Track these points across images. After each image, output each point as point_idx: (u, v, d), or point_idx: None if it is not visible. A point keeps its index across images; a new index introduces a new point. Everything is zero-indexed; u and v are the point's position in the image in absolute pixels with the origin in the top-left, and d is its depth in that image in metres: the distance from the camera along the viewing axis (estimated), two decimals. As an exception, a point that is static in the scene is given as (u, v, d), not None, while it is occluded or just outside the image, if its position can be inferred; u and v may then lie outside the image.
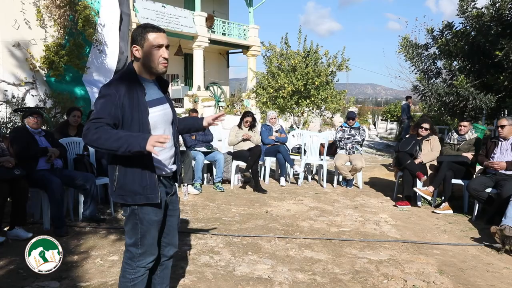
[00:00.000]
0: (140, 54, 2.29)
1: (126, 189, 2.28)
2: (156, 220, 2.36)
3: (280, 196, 6.84)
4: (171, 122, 2.47)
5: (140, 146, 2.05)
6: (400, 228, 5.26)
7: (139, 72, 2.33)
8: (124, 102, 2.19)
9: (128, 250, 2.38)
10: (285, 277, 3.51)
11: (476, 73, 9.93)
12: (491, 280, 3.67)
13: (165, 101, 2.42)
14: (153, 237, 2.38)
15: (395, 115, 24.44)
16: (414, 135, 6.96)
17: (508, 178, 5.42)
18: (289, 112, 14.40)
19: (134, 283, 2.36)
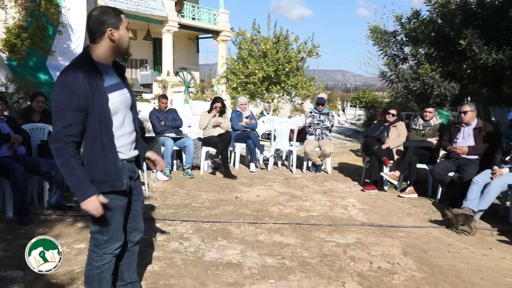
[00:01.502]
0: (116, 37, 2.24)
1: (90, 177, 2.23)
2: (120, 206, 2.34)
3: (250, 182, 6.87)
4: (130, 107, 2.43)
5: (80, 199, 2.15)
6: (367, 212, 5.38)
7: (98, 56, 2.26)
8: (85, 90, 2.13)
9: (94, 237, 2.34)
10: (254, 262, 3.55)
11: (441, 61, 10.16)
12: (451, 260, 3.82)
13: (123, 86, 2.37)
14: (118, 223, 2.36)
15: (363, 101, 24.79)
16: (382, 121, 7.09)
17: (470, 162, 5.61)
18: (259, 98, 14.41)
19: (101, 270, 2.34)
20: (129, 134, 2.39)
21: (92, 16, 2.23)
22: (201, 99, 18.34)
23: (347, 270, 3.48)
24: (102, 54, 2.26)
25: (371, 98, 25.17)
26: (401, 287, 3.21)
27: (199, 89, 20.66)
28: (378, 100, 24.54)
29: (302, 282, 3.18)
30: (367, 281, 3.28)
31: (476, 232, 4.66)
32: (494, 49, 8.30)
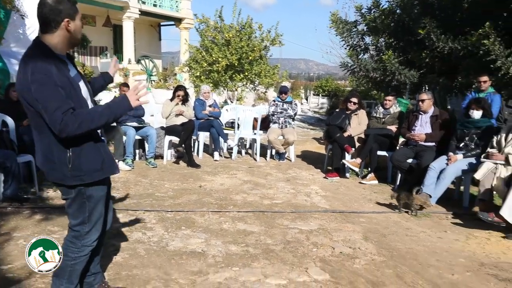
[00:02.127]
0: (72, 27, 2.16)
1: (83, 169, 2.19)
2: (103, 195, 2.34)
3: (214, 171, 6.86)
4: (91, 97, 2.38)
5: (126, 108, 2.22)
6: (329, 198, 5.48)
7: (54, 47, 2.16)
8: (63, 81, 2.07)
9: (75, 230, 2.31)
10: (218, 250, 3.56)
11: (401, 50, 10.41)
12: (409, 244, 3.96)
13: (81, 76, 2.32)
14: (100, 213, 2.35)
15: (326, 90, 25.11)
16: (343, 109, 7.20)
17: (427, 149, 5.81)
18: (223, 87, 14.32)
19: (75, 262, 2.31)
20: None
21: (47, 5, 2.11)
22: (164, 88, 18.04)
23: (310, 256, 3.54)
24: (58, 44, 2.17)
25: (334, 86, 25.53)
26: (361, 270, 3.30)
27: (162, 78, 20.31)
28: (340, 89, 24.93)
29: (265, 269, 3.21)
30: (329, 266, 3.35)
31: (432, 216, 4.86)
32: (450, 38, 8.56)
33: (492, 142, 5.03)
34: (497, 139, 4.98)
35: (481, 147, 5.22)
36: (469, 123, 5.43)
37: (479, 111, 5.35)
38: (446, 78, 9.58)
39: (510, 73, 7.40)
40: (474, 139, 5.33)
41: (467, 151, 5.30)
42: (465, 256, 3.71)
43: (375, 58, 11.11)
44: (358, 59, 10.93)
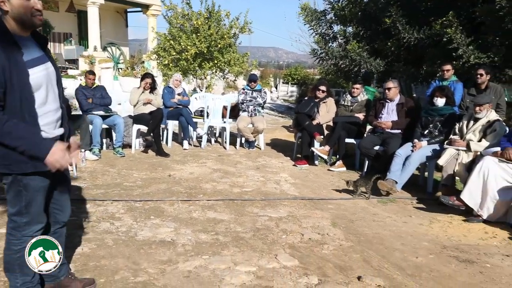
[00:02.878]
0: (8, 7, 2.06)
1: (10, 158, 2.09)
2: (43, 186, 2.22)
3: (183, 160, 6.81)
4: (56, 82, 2.29)
5: (40, 154, 2.04)
6: (298, 186, 5.54)
7: (11, 28, 2.09)
8: (2, 64, 1.97)
9: (12, 219, 2.22)
10: (188, 239, 3.55)
11: (368, 39, 10.55)
12: (376, 229, 4.06)
13: (46, 60, 2.22)
14: (40, 205, 2.25)
15: (295, 78, 25.22)
16: (312, 97, 7.26)
17: (393, 136, 5.93)
18: (192, 75, 14.19)
19: (21, 254, 2.23)
20: (54, 112, 2.26)
21: None
22: (131, 76, 17.70)
23: (279, 242, 3.58)
24: (12, 25, 2.09)
25: (303, 75, 25.68)
26: (330, 256, 3.36)
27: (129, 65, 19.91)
28: (309, 77, 25.10)
29: (235, 257, 3.23)
30: (299, 252, 3.40)
31: (398, 201, 4.99)
32: (416, 28, 8.73)
33: (454, 129, 5.20)
34: (459, 126, 5.14)
35: (444, 134, 5.38)
36: (433, 111, 5.57)
37: (442, 99, 5.50)
38: (411, 66, 9.78)
39: (471, 61, 7.61)
40: (438, 126, 5.48)
41: (431, 138, 5.45)
42: (429, 240, 3.83)
43: (343, 47, 11.22)
44: (326, 47, 11.02)
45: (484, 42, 7.81)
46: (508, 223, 4.23)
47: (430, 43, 8.55)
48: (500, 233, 4.04)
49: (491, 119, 4.90)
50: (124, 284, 2.72)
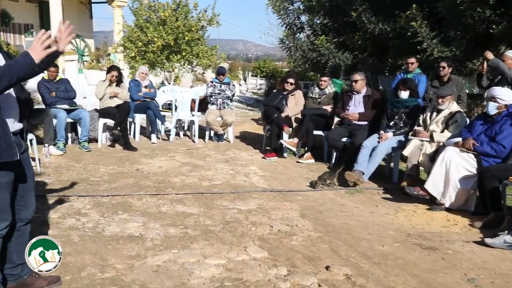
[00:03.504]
0: None
1: None
2: (6, 182, 2.16)
3: (152, 153, 6.73)
4: None
5: (30, 65, 2.02)
6: (268, 178, 5.57)
7: None
8: None
9: None
10: (156, 233, 3.52)
11: (335, 31, 10.65)
12: (343, 219, 4.13)
13: None
14: (4, 201, 2.18)
15: (264, 71, 25.22)
16: (281, 90, 7.29)
17: (360, 128, 6.04)
18: (159, 68, 13.98)
19: None
20: (12, 106, 2.19)
21: None
22: (97, 69, 17.29)
23: (249, 235, 3.60)
24: None
25: (272, 67, 25.68)
26: (299, 247, 3.40)
27: (94, 58, 19.42)
28: (278, 70, 25.13)
29: (205, 250, 3.23)
30: (268, 244, 3.43)
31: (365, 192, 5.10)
32: (380, 20, 8.88)
33: (418, 121, 5.34)
34: (423, 118, 5.28)
35: (409, 125, 5.51)
36: (398, 103, 5.70)
37: (406, 91, 5.63)
38: (377, 59, 9.95)
39: (434, 54, 7.81)
40: (403, 118, 5.60)
41: (396, 130, 5.57)
42: (394, 228, 3.93)
43: (311, 39, 11.30)
44: (294, 38, 11.07)
45: (446, 36, 8.03)
46: (468, 210, 4.39)
47: (395, 36, 8.72)
48: (461, 220, 4.19)
49: (452, 110, 5.05)
50: (91, 281, 2.67)
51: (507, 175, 4.10)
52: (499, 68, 5.40)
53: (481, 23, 7.56)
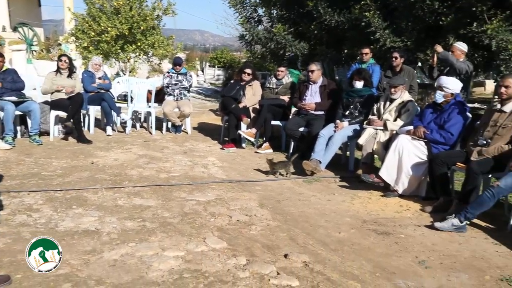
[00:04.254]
0: None
1: None
2: None
3: (107, 146, 6.57)
4: None
5: None
6: (226, 169, 5.57)
7: None
8: None
9: None
10: (113, 227, 3.45)
11: (292, 22, 10.71)
12: (301, 207, 4.20)
13: None
14: None
15: (222, 61, 25.09)
16: (238, 80, 7.28)
17: (317, 117, 6.13)
18: (114, 58, 13.61)
19: None
20: None
21: None
22: (47, 59, 16.62)
23: (208, 226, 3.59)
24: None
25: (229, 58, 25.58)
26: (258, 236, 3.43)
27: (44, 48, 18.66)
28: (236, 60, 25.05)
29: (163, 242, 3.19)
30: (227, 234, 3.43)
31: (322, 180, 5.19)
32: (336, 11, 9.00)
33: (372, 110, 5.47)
34: (377, 107, 5.42)
35: (363, 114, 5.64)
36: (353, 92, 5.82)
37: (360, 81, 5.76)
38: (333, 49, 10.09)
39: (386, 45, 8.02)
40: (358, 107, 5.73)
41: (351, 119, 5.69)
42: (350, 215, 4.03)
43: (268, 30, 11.31)
44: (252, 30, 11.05)
45: (398, 27, 8.25)
46: (420, 196, 4.57)
47: (350, 26, 8.87)
48: (413, 205, 4.36)
49: (404, 99, 5.21)
50: (43, 278, 2.58)
51: (455, 161, 4.29)
52: (448, 60, 5.63)
53: (430, 14, 7.81)
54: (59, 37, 18.09)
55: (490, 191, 3.57)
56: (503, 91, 4.05)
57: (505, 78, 4.13)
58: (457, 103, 4.60)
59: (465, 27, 7.43)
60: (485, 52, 7.66)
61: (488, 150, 4.02)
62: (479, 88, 20.66)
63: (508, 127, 4.00)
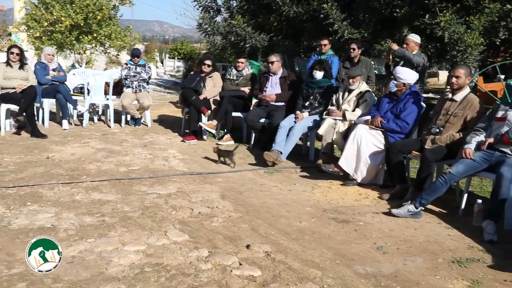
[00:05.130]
0: None
1: None
2: None
3: (63, 140, 6.36)
4: None
5: None
6: (187, 161, 5.52)
7: None
8: None
9: None
10: (71, 223, 3.35)
11: (251, 13, 10.68)
12: (263, 198, 4.23)
13: None
14: None
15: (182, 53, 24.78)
16: (198, 72, 7.21)
17: (277, 109, 6.17)
18: (69, 49, 13.18)
19: None
20: None
21: None
22: (-3, 50, 15.90)
23: (169, 219, 3.56)
24: None
25: (189, 49, 25.30)
26: (220, 228, 3.43)
27: (-7, 38, 17.84)
28: (196, 52, 24.80)
29: (123, 237, 3.14)
30: (188, 226, 3.42)
31: (283, 171, 5.24)
32: (295, 2, 9.04)
33: (332, 100, 5.56)
34: (336, 98, 5.51)
35: (323, 105, 5.72)
36: (312, 83, 5.88)
37: (321, 72, 5.82)
38: (292, 41, 10.16)
39: (344, 36, 8.14)
40: (317, 98, 5.80)
41: (311, 109, 5.76)
42: (311, 205, 4.10)
43: (228, 21, 11.23)
44: (211, 21, 10.94)
45: (356, 18, 8.39)
46: (378, 184, 4.70)
47: (308, 18, 8.94)
48: (371, 193, 4.48)
49: (362, 90, 5.32)
50: (-3, 278, 2.49)
51: (410, 150, 4.44)
52: (405, 57, 5.74)
53: (386, 6, 7.99)
54: (8, 27, 17.32)
55: (443, 178, 3.73)
56: (454, 81, 4.21)
57: (456, 69, 4.30)
58: (412, 93, 4.74)
59: (418, 19, 7.65)
60: (438, 43, 7.91)
61: (441, 138, 4.18)
62: (432, 79, 21.40)
63: (459, 116, 4.17)
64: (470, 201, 3.90)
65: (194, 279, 2.59)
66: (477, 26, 7.02)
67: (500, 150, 3.73)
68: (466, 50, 7.01)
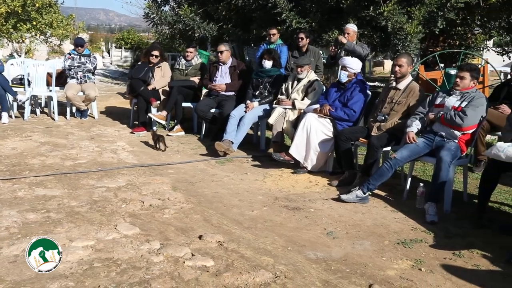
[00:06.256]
0: None
1: None
2: None
3: (3, 134, 6.04)
4: None
5: None
6: (137, 153, 5.41)
7: None
8: None
9: None
10: (13, 221, 3.20)
11: (199, 2, 10.54)
12: (215, 188, 4.23)
13: None
14: None
15: (129, 42, 24.06)
16: (146, 62, 7.04)
17: (228, 98, 6.15)
18: (6, 38, 12.48)
19: None
20: None
21: None
22: None
23: (119, 212, 3.49)
24: None
25: (137, 39, 24.59)
26: (171, 220, 3.40)
27: None
28: (144, 41, 24.15)
29: (71, 233, 3.05)
30: (139, 219, 3.36)
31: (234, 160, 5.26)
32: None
33: (281, 90, 5.61)
34: (285, 87, 5.57)
35: (273, 94, 5.76)
36: (262, 73, 5.91)
37: (270, 61, 5.85)
38: (242, 30, 10.13)
39: (293, 25, 8.22)
40: (267, 87, 5.83)
41: (261, 99, 5.79)
42: (263, 193, 4.14)
43: (176, 10, 11.02)
44: (158, 10, 10.69)
45: (303, 8, 8.48)
46: (327, 171, 4.81)
47: (257, 7, 8.93)
48: (321, 180, 4.58)
49: (311, 79, 5.41)
50: None
51: (358, 137, 4.57)
52: (355, 51, 5.84)
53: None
54: None
55: (388, 163, 3.88)
56: (397, 70, 4.36)
57: (398, 58, 4.46)
58: (358, 82, 4.88)
59: (363, 10, 7.84)
60: (382, 33, 8.15)
61: (386, 125, 4.33)
62: (378, 68, 22.02)
63: (402, 103, 4.34)
64: (414, 185, 4.08)
65: (146, 272, 2.56)
66: (418, 16, 7.31)
67: (440, 135, 3.92)
68: (406, 39, 7.28)
